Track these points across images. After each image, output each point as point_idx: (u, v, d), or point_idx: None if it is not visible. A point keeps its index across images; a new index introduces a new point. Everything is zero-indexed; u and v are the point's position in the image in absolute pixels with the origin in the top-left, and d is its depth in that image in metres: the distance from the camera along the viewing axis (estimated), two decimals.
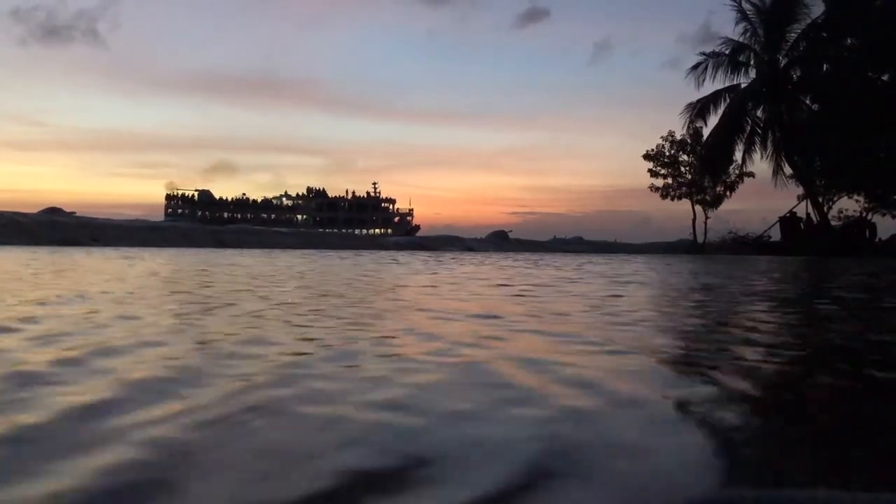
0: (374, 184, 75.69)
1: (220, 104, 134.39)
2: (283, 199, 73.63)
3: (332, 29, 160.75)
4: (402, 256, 21.96)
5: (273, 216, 69.81)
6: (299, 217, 72.13)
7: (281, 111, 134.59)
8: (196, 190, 69.53)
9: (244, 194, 72.00)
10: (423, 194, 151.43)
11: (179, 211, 66.76)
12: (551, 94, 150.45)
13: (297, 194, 73.76)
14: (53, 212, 38.99)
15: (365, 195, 74.66)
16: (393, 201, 75.67)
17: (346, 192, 74.77)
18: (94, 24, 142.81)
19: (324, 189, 74.03)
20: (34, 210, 38.55)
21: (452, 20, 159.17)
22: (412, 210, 76.03)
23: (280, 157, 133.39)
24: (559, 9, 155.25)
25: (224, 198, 70.72)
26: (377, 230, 69.05)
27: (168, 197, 68.05)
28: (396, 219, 74.93)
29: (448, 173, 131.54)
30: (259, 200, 72.33)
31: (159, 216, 72.49)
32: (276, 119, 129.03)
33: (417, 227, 71.88)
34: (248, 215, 68.09)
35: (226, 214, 66.82)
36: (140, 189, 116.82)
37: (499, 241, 49.39)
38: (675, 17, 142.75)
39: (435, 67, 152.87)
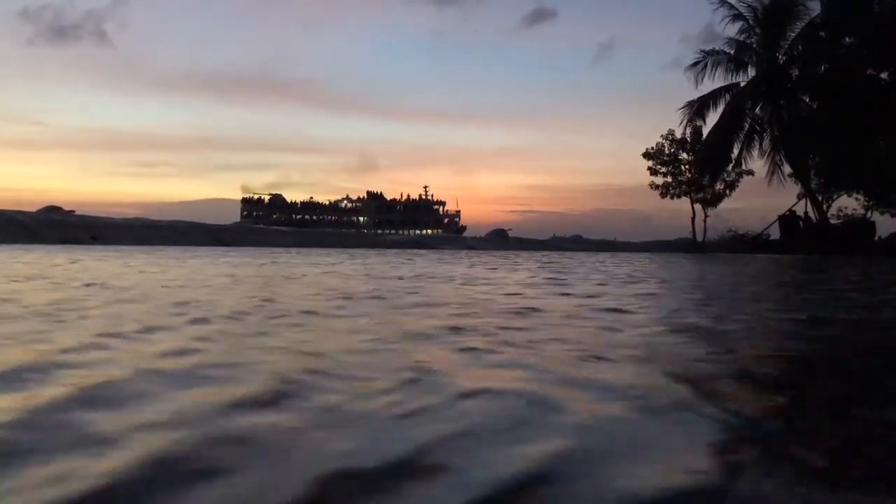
0: (426, 187, 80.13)
1: (221, 103, 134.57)
2: (345, 202, 77.95)
3: (337, 29, 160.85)
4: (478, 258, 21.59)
5: (334, 217, 74.87)
6: (361, 219, 76.10)
7: (283, 111, 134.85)
8: (269, 194, 74.58)
9: (311, 197, 77.21)
10: (427, 192, 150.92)
11: (254, 213, 71.40)
12: (553, 93, 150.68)
13: (358, 197, 78.17)
14: (53, 210, 38.99)
15: (417, 198, 79.02)
16: (443, 203, 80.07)
17: (401, 195, 79.37)
18: (101, 24, 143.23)
19: (381, 192, 78.43)
20: (33, 209, 38.55)
21: (458, 21, 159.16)
22: (459, 212, 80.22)
23: (281, 156, 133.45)
24: (564, 9, 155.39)
25: (294, 201, 75.57)
26: (429, 230, 72.46)
27: (244, 200, 72.83)
28: (446, 220, 78.80)
29: (449, 172, 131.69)
30: (326, 203, 77.70)
31: (157, 214, 74.07)
32: (278, 118, 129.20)
33: (464, 228, 75.38)
34: (314, 217, 73.19)
35: (295, 216, 71.62)
36: (138, 188, 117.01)
37: (498, 239, 49.48)
38: (679, 18, 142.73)
39: (439, 67, 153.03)
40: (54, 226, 34.93)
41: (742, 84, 33.71)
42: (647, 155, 46.44)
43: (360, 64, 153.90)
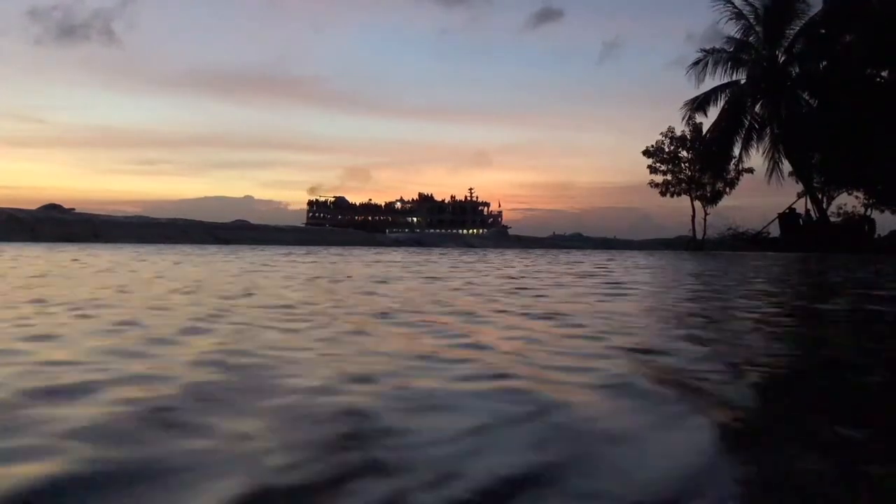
0: (471, 189, 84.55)
1: (223, 101, 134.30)
2: (398, 203, 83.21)
3: (343, 28, 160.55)
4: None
5: (390, 218, 79.63)
6: (414, 219, 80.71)
7: (288, 109, 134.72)
8: (333, 197, 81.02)
9: (370, 199, 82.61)
10: (426, 191, 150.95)
11: (319, 214, 77.66)
12: (557, 92, 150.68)
13: (411, 199, 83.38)
14: (53, 208, 38.88)
15: (463, 199, 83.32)
16: (487, 205, 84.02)
17: (451, 196, 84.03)
18: (109, 23, 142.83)
19: (431, 195, 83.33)
20: (34, 206, 38.43)
21: (466, 20, 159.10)
22: (501, 212, 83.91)
23: (284, 154, 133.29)
24: (571, 9, 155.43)
25: (354, 203, 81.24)
26: (475, 230, 76.27)
27: (309, 202, 79.14)
28: (490, 220, 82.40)
29: (450, 169, 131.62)
30: (383, 205, 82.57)
31: (157, 212, 74.99)
32: (283, 117, 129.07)
33: (506, 228, 78.67)
34: (370, 217, 78.29)
35: (356, 217, 77.05)
36: (138, 186, 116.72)
37: (498, 237, 49.46)
38: (684, 16, 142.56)
39: (445, 66, 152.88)
40: (55, 223, 34.85)
41: (742, 82, 33.76)
42: (646, 153, 46.50)
43: (365, 62, 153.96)
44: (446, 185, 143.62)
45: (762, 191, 78.89)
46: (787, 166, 33.82)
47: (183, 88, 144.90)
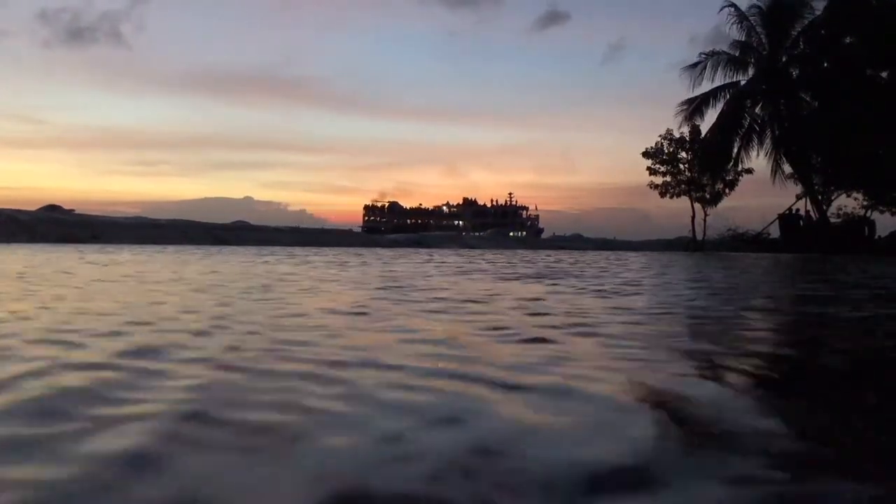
0: (510, 194, 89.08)
1: (224, 103, 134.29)
2: (445, 207, 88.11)
3: (348, 30, 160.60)
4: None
5: (432, 221, 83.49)
6: (460, 223, 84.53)
7: (290, 110, 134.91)
8: (388, 202, 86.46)
9: (420, 204, 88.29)
10: (426, 192, 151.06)
11: (374, 218, 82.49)
12: (559, 93, 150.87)
13: (456, 204, 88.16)
14: (52, 209, 38.81)
15: (504, 203, 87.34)
16: (526, 208, 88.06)
17: (492, 201, 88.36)
18: (117, 25, 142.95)
19: (475, 199, 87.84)
20: (33, 207, 38.35)
21: (471, 23, 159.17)
22: (538, 216, 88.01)
23: (284, 155, 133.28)
24: (576, 11, 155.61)
25: (405, 207, 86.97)
26: (515, 233, 78.86)
27: (366, 207, 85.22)
28: (529, 223, 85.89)
29: (451, 170, 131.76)
30: (431, 209, 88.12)
31: (156, 213, 75.57)
32: (284, 118, 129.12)
33: (542, 230, 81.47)
34: (420, 220, 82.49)
35: (409, 221, 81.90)
36: (138, 186, 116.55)
37: (499, 238, 49.48)
38: (688, 19, 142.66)
39: (449, 68, 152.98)
40: (54, 224, 34.78)
41: (742, 83, 33.77)
42: (646, 154, 46.45)
43: (368, 64, 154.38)
44: (448, 186, 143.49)
45: (762, 192, 79.06)
46: (787, 167, 33.88)
47: (184, 89, 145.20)
